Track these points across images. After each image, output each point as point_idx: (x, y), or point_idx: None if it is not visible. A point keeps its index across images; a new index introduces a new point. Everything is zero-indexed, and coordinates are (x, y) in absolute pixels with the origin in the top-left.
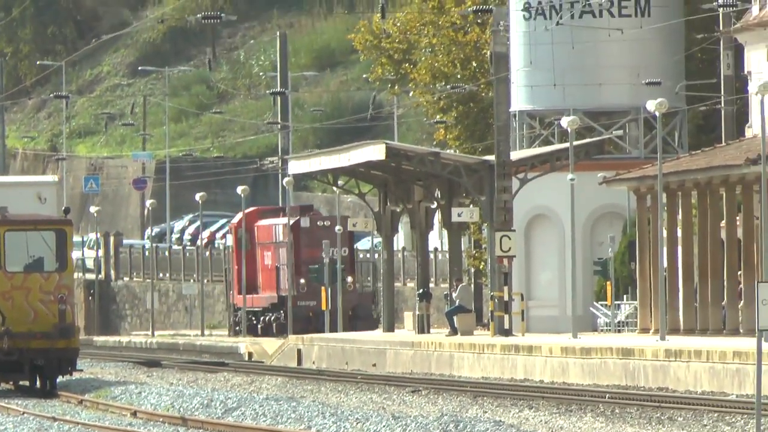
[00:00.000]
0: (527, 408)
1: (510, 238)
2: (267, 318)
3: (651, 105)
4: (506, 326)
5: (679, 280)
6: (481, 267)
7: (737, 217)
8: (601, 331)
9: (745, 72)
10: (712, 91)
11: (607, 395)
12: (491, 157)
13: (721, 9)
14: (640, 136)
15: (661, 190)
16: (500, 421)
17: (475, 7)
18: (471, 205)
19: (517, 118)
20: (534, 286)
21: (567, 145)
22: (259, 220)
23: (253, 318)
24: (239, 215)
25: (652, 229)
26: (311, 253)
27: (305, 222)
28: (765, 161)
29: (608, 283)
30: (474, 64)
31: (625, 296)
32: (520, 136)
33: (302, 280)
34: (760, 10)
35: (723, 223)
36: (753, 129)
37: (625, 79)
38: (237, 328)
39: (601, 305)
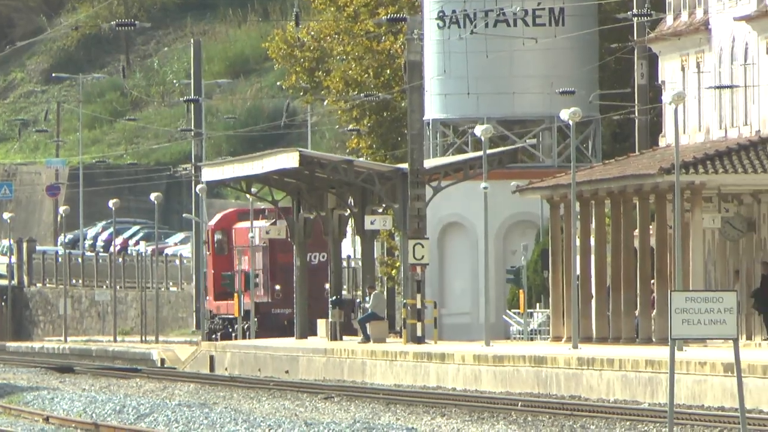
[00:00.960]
0: (440, 415)
1: (423, 246)
2: (242, 326)
3: (565, 114)
4: (419, 334)
5: (592, 288)
6: (393, 274)
7: (650, 227)
8: (514, 339)
9: (659, 81)
10: (626, 101)
11: (520, 403)
12: (405, 165)
13: (636, 19)
14: (554, 145)
15: (574, 199)
16: (413, 428)
17: (389, 16)
18: (384, 213)
19: (430, 127)
20: (447, 294)
21: (480, 153)
22: (237, 222)
23: (229, 325)
24: (217, 216)
25: (565, 238)
26: (288, 258)
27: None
28: (678, 171)
29: (521, 291)
30: (388, 73)
31: (537, 304)
32: (433, 145)
33: (277, 287)
34: (674, 20)
35: (636, 232)
36: (667, 138)
37: (539, 88)
38: (213, 336)
39: (514, 313)
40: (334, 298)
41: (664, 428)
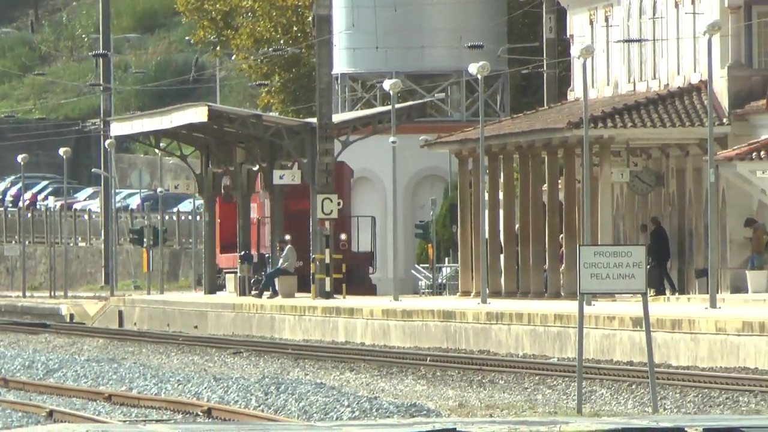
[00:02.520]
0: (348, 370)
1: (332, 201)
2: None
3: (473, 68)
4: (328, 289)
5: (501, 243)
6: None
7: (559, 181)
8: (423, 293)
9: (568, 35)
10: (535, 55)
11: (429, 358)
12: (313, 120)
13: None
14: (462, 100)
15: (482, 153)
16: (321, 383)
17: None
18: (293, 168)
19: (339, 81)
20: (355, 248)
21: (389, 108)
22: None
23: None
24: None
25: (473, 193)
26: (301, 206)
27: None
28: (587, 125)
29: (430, 246)
30: (295, 29)
31: (446, 259)
32: (342, 99)
33: (287, 237)
34: None
35: (545, 187)
36: (575, 93)
37: (448, 43)
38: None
39: (423, 268)
40: (242, 253)
41: (572, 382)
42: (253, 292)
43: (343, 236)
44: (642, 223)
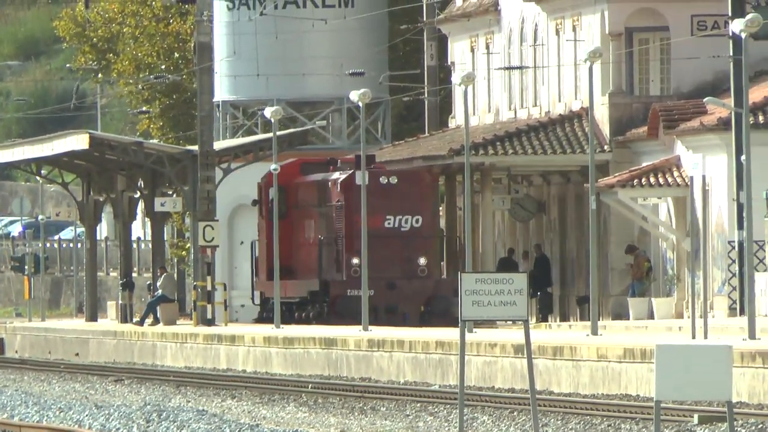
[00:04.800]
0: (230, 398)
1: (213, 228)
2: (304, 313)
3: (354, 95)
4: (209, 316)
5: None
6: (184, 256)
7: (440, 208)
8: (253, 320)
9: (449, 62)
10: (416, 82)
11: (310, 385)
12: (195, 147)
13: (425, 0)
14: (344, 127)
15: (364, 180)
16: (203, 410)
17: None
18: (174, 195)
19: (220, 109)
20: (237, 276)
21: (270, 135)
22: (300, 176)
23: (285, 311)
24: (272, 167)
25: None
26: (371, 222)
27: (361, 178)
28: (468, 152)
29: None
30: (177, 55)
31: None
32: (223, 126)
33: (355, 260)
34: (464, 0)
35: None
36: (456, 120)
37: (329, 70)
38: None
39: (252, 295)
40: (123, 280)
41: (454, 410)
42: (134, 320)
43: (422, 260)
44: (524, 249)
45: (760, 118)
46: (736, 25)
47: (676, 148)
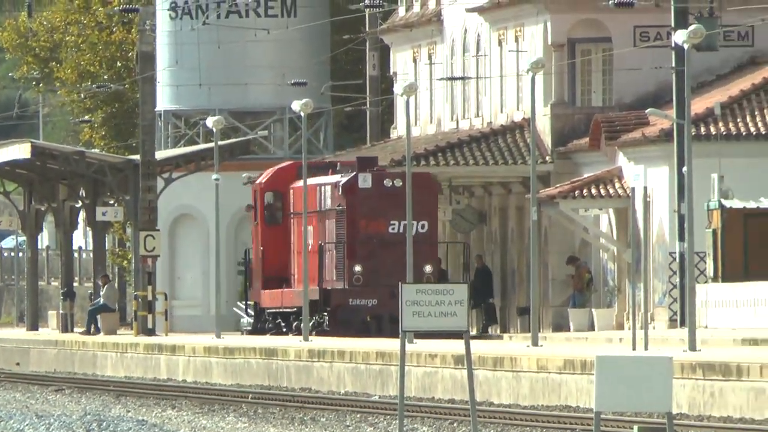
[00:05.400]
0: (170, 408)
1: (154, 238)
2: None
3: (296, 105)
4: (150, 326)
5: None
6: (125, 266)
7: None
8: (245, 331)
9: (391, 73)
10: (358, 92)
11: (250, 395)
12: (136, 157)
13: (368, 10)
14: (285, 137)
15: (305, 190)
16: (143, 420)
17: (121, 7)
18: (116, 204)
19: (162, 118)
20: (178, 285)
21: (212, 145)
22: (297, 180)
23: (282, 323)
24: (268, 173)
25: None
26: (374, 227)
27: (365, 181)
28: (410, 162)
29: None
30: (119, 64)
31: None
32: (165, 136)
33: (357, 268)
34: (407, 11)
35: None
36: (398, 130)
37: (271, 80)
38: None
39: (245, 305)
40: (64, 290)
41: (394, 420)
42: (80, 331)
43: (428, 268)
44: (464, 261)
45: (702, 130)
46: (679, 36)
47: (618, 160)
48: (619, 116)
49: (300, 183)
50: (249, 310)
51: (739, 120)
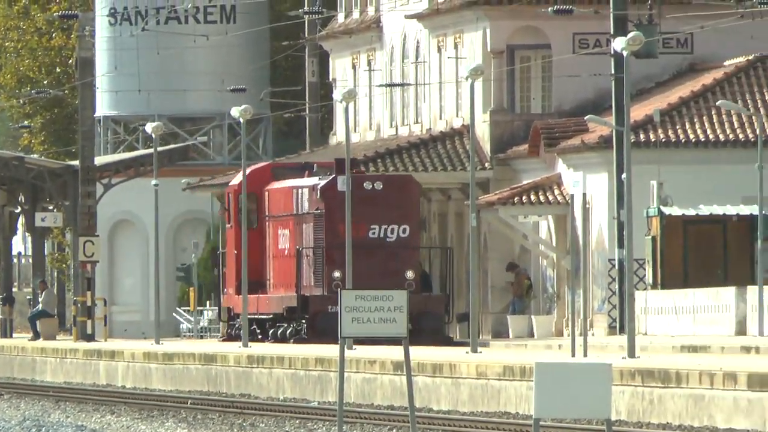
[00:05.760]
0: (109, 413)
1: (93, 243)
2: (280, 330)
3: (235, 112)
4: (89, 331)
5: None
6: (64, 270)
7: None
8: (184, 336)
9: (331, 79)
10: (298, 99)
11: (190, 401)
12: (76, 162)
13: (307, 16)
14: (224, 143)
15: (245, 196)
16: (83, 425)
17: (60, 13)
18: (55, 210)
19: (102, 124)
20: (117, 291)
21: (151, 151)
22: (272, 182)
23: (258, 330)
24: (241, 174)
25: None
26: (354, 232)
27: (344, 183)
28: (349, 168)
29: (191, 289)
30: (59, 70)
31: (208, 302)
32: (104, 142)
33: (337, 273)
34: (346, 17)
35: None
36: (338, 136)
37: (210, 86)
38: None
39: (184, 311)
40: (3, 295)
41: (333, 426)
42: (29, 338)
43: (409, 274)
44: (447, 265)
45: (641, 137)
46: (618, 44)
47: (557, 166)
48: (559, 123)
49: (275, 185)
50: (188, 315)
51: (678, 127)
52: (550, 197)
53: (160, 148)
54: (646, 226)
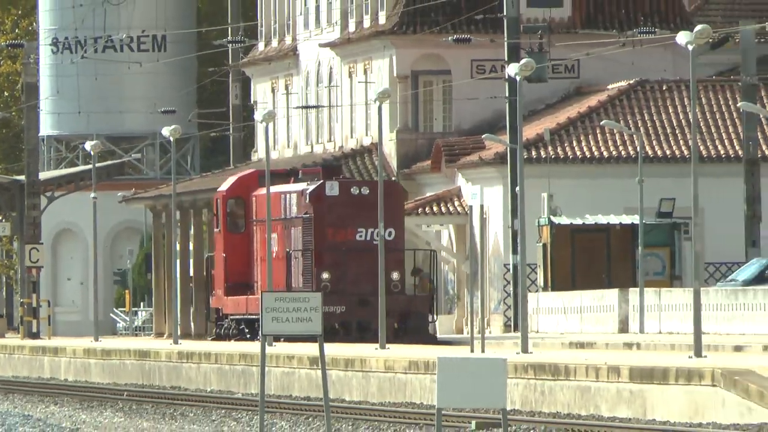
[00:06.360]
0: (53, 404)
1: (38, 251)
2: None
3: (166, 131)
4: (34, 330)
5: (192, 289)
6: (12, 275)
7: None
8: (121, 334)
9: (252, 102)
10: (222, 119)
11: (126, 393)
12: (22, 177)
13: (230, 45)
14: (156, 159)
15: (174, 207)
16: (29, 415)
17: (7, 42)
18: (3, 220)
19: (45, 142)
20: (60, 293)
21: (90, 166)
22: (259, 188)
23: (246, 330)
24: (230, 180)
25: (166, 243)
26: (342, 235)
27: (332, 188)
28: (269, 183)
29: (127, 291)
30: (6, 94)
31: (142, 303)
32: (48, 159)
33: (325, 275)
34: (266, 46)
35: None
36: (258, 153)
37: (144, 108)
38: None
39: (121, 311)
40: None
41: (255, 416)
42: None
43: (395, 275)
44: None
45: (533, 153)
46: (512, 69)
47: (457, 180)
48: (458, 141)
49: (262, 191)
50: (124, 316)
51: (566, 144)
52: (451, 208)
53: (98, 165)
54: (537, 234)
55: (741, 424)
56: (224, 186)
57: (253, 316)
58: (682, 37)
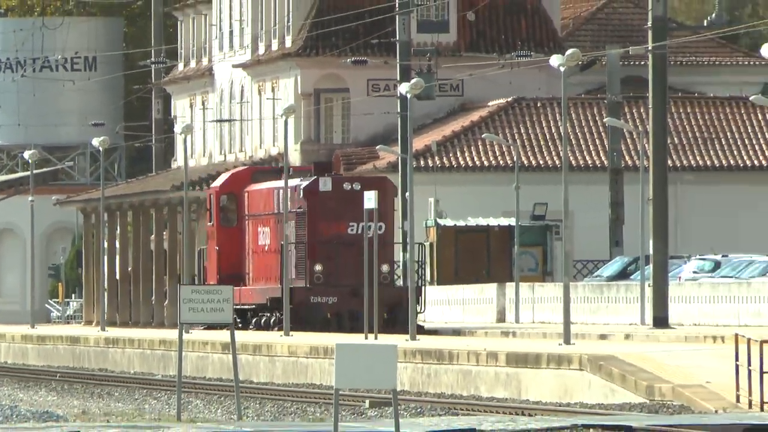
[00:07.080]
0: None
1: None
2: (262, 319)
3: (96, 142)
4: None
5: (118, 282)
6: None
7: (164, 233)
8: (54, 322)
9: (173, 116)
10: (146, 131)
11: (58, 374)
12: None
13: (153, 65)
14: (87, 167)
15: (102, 210)
16: None
17: None
18: None
19: None
20: (1, 286)
21: (28, 173)
22: (251, 184)
23: (239, 319)
24: (224, 177)
25: (95, 241)
26: (335, 228)
27: (325, 184)
28: (187, 188)
29: (60, 284)
30: None
31: (73, 295)
32: None
33: (318, 267)
34: (185, 66)
35: (153, 237)
36: (178, 162)
37: (76, 121)
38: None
39: (54, 302)
40: None
41: (173, 395)
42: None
43: (384, 267)
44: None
45: (422, 163)
46: (403, 88)
47: None
48: (355, 151)
49: (254, 187)
50: (58, 306)
51: (451, 155)
52: None
53: (35, 171)
54: (425, 234)
55: (605, 403)
56: (217, 182)
57: (245, 306)
58: (555, 60)
